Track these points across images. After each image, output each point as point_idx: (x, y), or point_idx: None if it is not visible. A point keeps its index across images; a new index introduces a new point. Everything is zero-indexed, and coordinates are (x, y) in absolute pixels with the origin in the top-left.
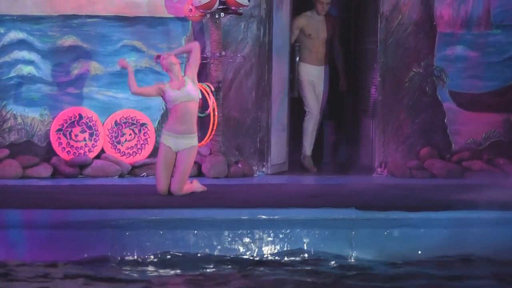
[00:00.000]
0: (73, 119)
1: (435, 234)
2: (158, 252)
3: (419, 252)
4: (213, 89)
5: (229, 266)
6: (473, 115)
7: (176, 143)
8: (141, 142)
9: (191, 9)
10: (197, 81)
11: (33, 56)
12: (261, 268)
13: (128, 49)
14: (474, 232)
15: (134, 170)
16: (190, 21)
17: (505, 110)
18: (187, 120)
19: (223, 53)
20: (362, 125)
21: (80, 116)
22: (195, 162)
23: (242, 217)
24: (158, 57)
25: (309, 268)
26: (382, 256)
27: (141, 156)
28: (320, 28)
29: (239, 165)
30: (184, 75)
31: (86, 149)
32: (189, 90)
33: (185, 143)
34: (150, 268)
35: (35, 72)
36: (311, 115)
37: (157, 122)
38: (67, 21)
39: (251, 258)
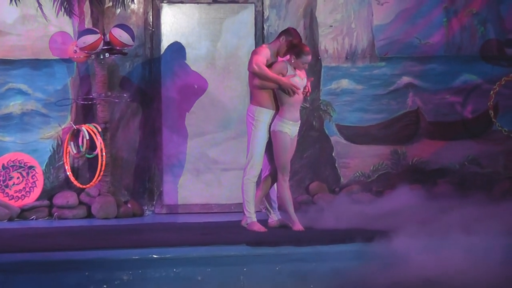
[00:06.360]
0: None
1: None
2: None
3: (311, 286)
4: (100, 129)
5: None
6: (360, 148)
7: (294, 130)
8: (30, 185)
9: (75, 50)
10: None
11: None
12: None
13: (13, 92)
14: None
15: (24, 213)
16: (75, 62)
17: (392, 142)
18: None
19: (109, 93)
20: None
21: None
22: (84, 204)
23: (133, 257)
24: None
25: None
26: None
27: (30, 199)
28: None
29: (129, 205)
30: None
31: None
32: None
33: (297, 129)
34: None
35: None
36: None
37: (45, 164)
38: None
39: None
